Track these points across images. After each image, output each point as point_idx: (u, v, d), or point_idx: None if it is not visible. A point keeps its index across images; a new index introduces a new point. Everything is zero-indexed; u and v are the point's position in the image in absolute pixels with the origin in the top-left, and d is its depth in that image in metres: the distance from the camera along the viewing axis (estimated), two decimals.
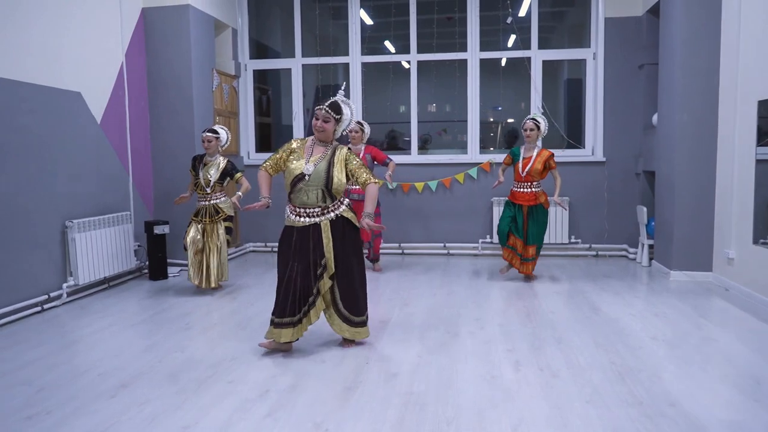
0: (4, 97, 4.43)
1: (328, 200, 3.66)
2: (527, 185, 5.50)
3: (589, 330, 4.15)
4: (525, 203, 5.51)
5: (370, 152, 6.07)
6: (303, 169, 3.61)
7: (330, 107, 3.66)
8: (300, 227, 3.65)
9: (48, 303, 4.85)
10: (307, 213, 3.65)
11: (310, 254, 3.62)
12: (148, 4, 6.26)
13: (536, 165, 5.43)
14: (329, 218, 3.67)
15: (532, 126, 5.44)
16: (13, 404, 3.03)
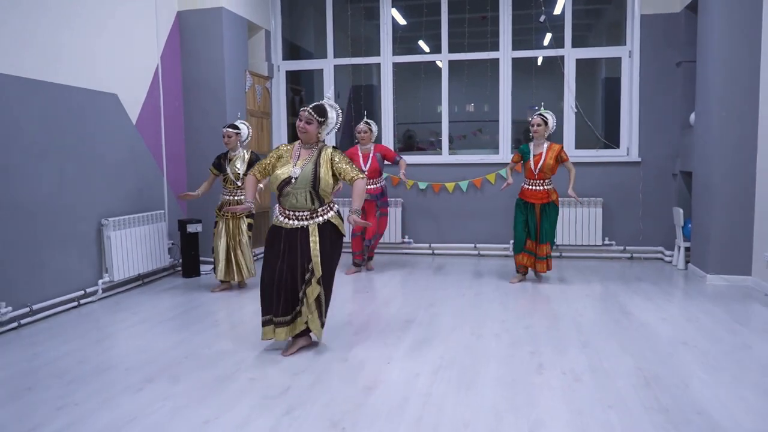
0: (44, 100, 4.59)
1: (316, 203, 3.67)
2: (539, 183, 5.42)
3: (616, 334, 4.06)
4: (537, 201, 5.43)
5: (380, 151, 6.09)
6: (290, 172, 3.63)
7: (313, 109, 3.67)
8: (288, 229, 3.67)
9: (84, 298, 5.00)
10: (296, 216, 3.66)
11: (297, 258, 3.63)
12: (183, 7, 6.40)
13: (548, 160, 5.35)
14: (317, 222, 3.67)
15: (540, 121, 5.36)
16: (46, 395, 3.14)
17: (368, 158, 6.02)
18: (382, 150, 6.12)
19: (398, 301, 5.06)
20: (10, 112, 4.28)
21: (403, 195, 7.32)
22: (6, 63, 4.24)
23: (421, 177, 7.30)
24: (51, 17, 4.63)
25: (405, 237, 7.35)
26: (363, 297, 5.29)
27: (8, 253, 4.27)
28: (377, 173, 6.06)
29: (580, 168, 6.91)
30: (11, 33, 4.28)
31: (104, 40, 5.22)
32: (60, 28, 4.72)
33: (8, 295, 4.24)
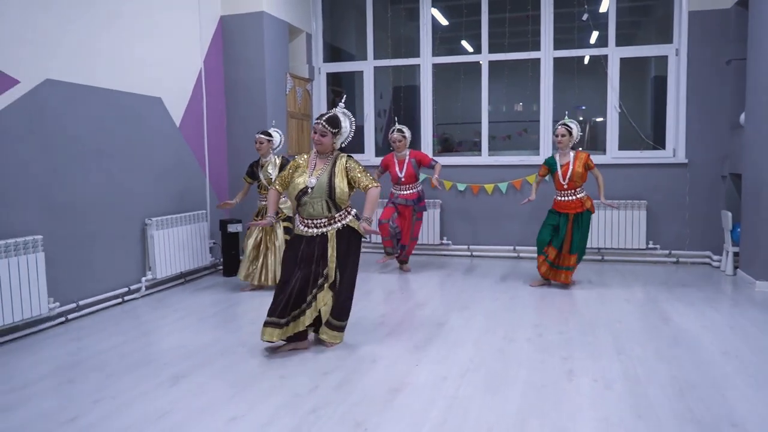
0: (93, 104, 4.78)
1: (333, 210, 3.74)
2: (571, 193, 5.31)
3: (654, 341, 3.95)
4: (572, 211, 5.32)
5: (415, 156, 6.10)
6: (306, 182, 3.71)
7: (327, 121, 3.72)
8: (308, 237, 3.76)
9: (128, 295, 5.19)
10: (315, 224, 3.74)
11: (313, 264, 3.73)
12: (226, 12, 6.55)
13: (577, 168, 5.26)
14: (336, 228, 3.74)
15: (564, 131, 5.29)
16: (85, 388, 3.27)
17: (404, 164, 6.04)
18: (418, 155, 6.13)
19: (433, 303, 5.05)
20: (60, 116, 4.48)
21: (441, 196, 7.30)
22: (56, 70, 4.44)
23: (460, 178, 7.26)
24: (99, 26, 4.82)
25: (443, 239, 7.33)
26: (397, 298, 5.31)
27: (57, 251, 4.46)
28: (413, 178, 6.07)
29: (624, 170, 6.78)
30: (60, 42, 4.47)
31: (150, 46, 5.40)
32: (107, 36, 4.90)
33: (56, 291, 4.44)
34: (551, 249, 5.38)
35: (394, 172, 6.10)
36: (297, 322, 3.73)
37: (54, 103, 4.43)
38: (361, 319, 4.52)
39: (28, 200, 4.23)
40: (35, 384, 3.34)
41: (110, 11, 4.94)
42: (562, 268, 5.41)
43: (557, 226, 5.37)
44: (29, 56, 4.23)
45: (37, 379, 3.42)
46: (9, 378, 3.43)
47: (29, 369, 3.58)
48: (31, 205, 4.26)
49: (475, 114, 7.38)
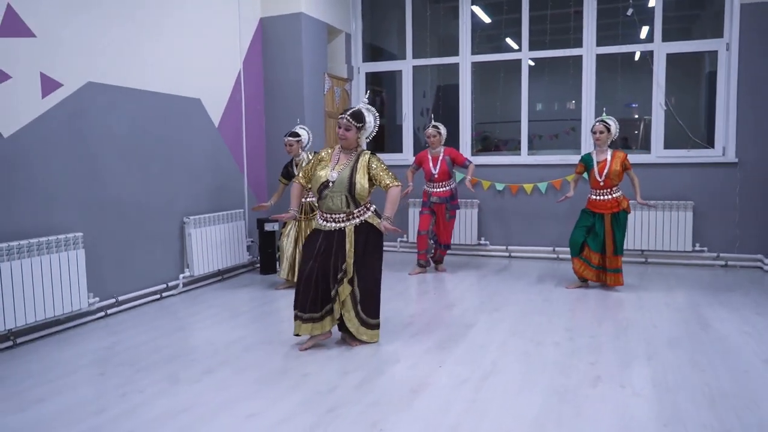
0: (133, 106, 4.94)
1: (352, 206, 3.75)
2: (607, 192, 5.16)
3: (689, 347, 3.80)
4: (607, 211, 5.17)
5: (450, 154, 6.04)
6: (328, 176, 3.73)
7: (351, 116, 3.74)
8: (327, 231, 3.78)
9: (166, 291, 5.34)
10: (334, 218, 3.76)
11: (331, 258, 3.74)
12: (266, 14, 6.66)
13: (614, 166, 5.12)
14: (354, 224, 3.75)
15: (602, 129, 5.14)
16: (114, 381, 3.38)
17: (437, 161, 6.01)
18: (452, 153, 6.07)
19: (463, 304, 5.00)
20: (101, 117, 4.64)
21: (479, 196, 7.21)
22: (98, 73, 4.60)
23: (499, 178, 7.16)
24: (141, 31, 4.97)
25: (480, 239, 7.24)
26: (428, 299, 5.28)
27: (98, 248, 4.63)
28: (447, 176, 6.03)
29: (669, 169, 6.55)
30: (103, 46, 4.63)
31: (190, 49, 5.54)
32: (149, 40, 5.05)
33: (97, 287, 4.60)
34: (593, 254, 5.24)
35: (427, 168, 6.06)
36: (331, 317, 3.79)
37: (95, 105, 4.60)
38: (389, 319, 4.51)
39: (69, 199, 4.40)
40: (69, 376, 3.47)
41: (152, 15, 5.09)
42: (610, 270, 5.26)
43: (591, 227, 5.22)
44: (72, 60, 4.40)
45: (71, 371, 3.56)
46: (47, 369, 3.58)
47: (66, 362, 3.73)
48: (73, 204, 4.43)
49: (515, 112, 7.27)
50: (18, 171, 4.04)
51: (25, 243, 4.00)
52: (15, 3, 3.98)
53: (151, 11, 5.08)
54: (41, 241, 4.10)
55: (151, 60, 5.11)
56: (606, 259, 5.23)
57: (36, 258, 4.07)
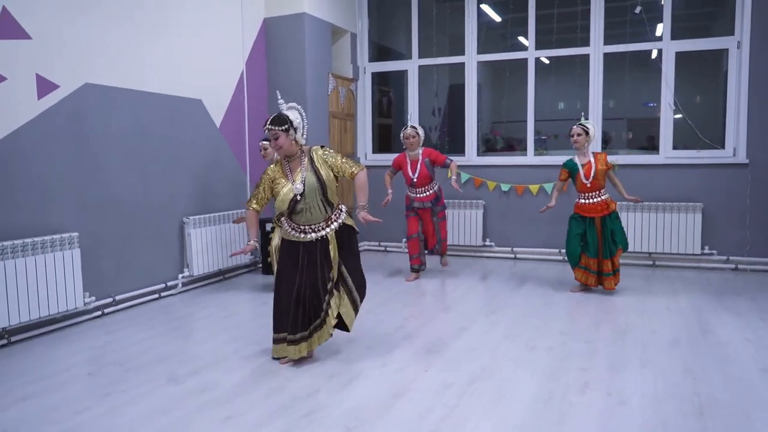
0: (133, 107, 4.97)
1: (328, 210, 3.58)
2: (596, 195, 5.08)
3: (685, 353, 3.70)
4: (597, 215, 5.09)
5: (429, 155, 5.74)
6: (294, 190, 3.48)
7: (272, 123, 3.47)
8: (306, 242, 3.57)
9: (165, 291, 5.36)
10: (313, 228, 3.56)
11: (318, 269, 3.55)
12: (269, 14, 6.66)
13: (599, 166, 5.05)
14: (333, 228, 3.59)
15: (580, 131, 5.06)
16: (101, 381, 3.40)
17: (417, 165, 5.71)
18: (431, 154, 5.76)
19: (461, 307, 4.94)
20: (99, 118, 4.67)
21: (484, 197, 7.14)
22: (96, 74, 4.63)
23: (504, 178, 7.08)
24: (140, 31, 4.99)
25: (486, 240, 7.17)
26: (425, 301, 5.22)
27: (96, 247, 4.66)
28: (428, 179, 5.74)
29: (678, 170, 6.43)
30: (101, 47, 4.66)
31: (192, 50, 5.56)
32: (148, 41, 5.08)
33: (93, 286, 4.64)
34: (590, 260, 5.15)
35: (406, 174, 5.79)
36: (321, 332, 3.59)
37: (93, 106, 4.63)
38: (380, 323, 4.48)
39: (66, 199, 4.44)
40: (56, 375, 3.49)
41: (152, 16, 5.11)
42: (604, 274, 5.17)
43: (583, 233, 5.14)
44: (69, 62, 4.43)
45: (61, 370, 3.58)
46: (37, 368, 3.61)
47: (58, 360, 3.76)
48: (69, 204, 4.47)
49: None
50: (14, 172, 4.08)
51: (20, 242, 4.04)
52: (10, 5, 4.02)
53: (150, 12, 5.11)
54: (36, 240, 4.14)
55: (150, 61, 5.13)
56: (600, 263, 5.13)
57: (31, 257, 4.10)
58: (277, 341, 3.59)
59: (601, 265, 5.13)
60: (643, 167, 6.56)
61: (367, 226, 3.70)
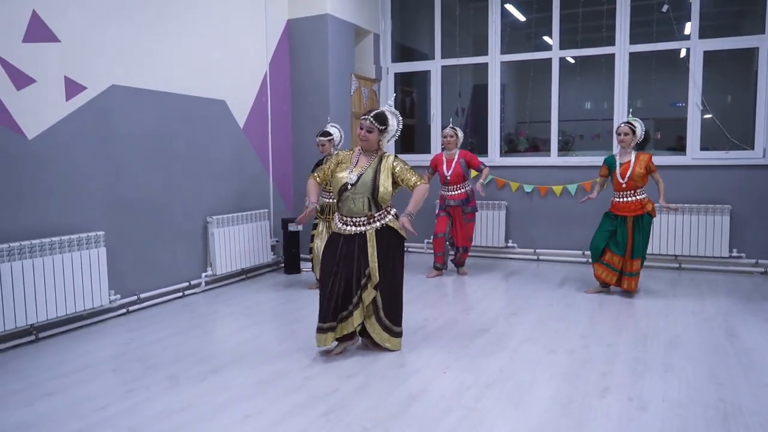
0: (157, 107, 5.05)
1: (373, 209, 3.66)
2: (631, 194, 4.99)
3: (711, 359, 3.64)
4: (630, 214, 5.00)
5: (465, 157, 5.95)
6: (347, 178, 3.65)
7: (374, 118, 3.66)
8: (347, 235, 3.69)
9: (188, 290, 5.43)
10: (354, 222, 3.68)
11: (354, 263, 3.65)
12: (293, 16, 6.70)
13: (637, 169, 4.95)
14: (375, 227, 3.67)
15: (627, 130, 4.99)
16: (123, 378, 3.46)
17: (452, 163, 5.93)
18: (467, 156, 5.98)
19: (481, 308, 4.92)
20: (125, 119, 4.76)
21: (507, 198, 7.10)
22: (122, 76, 4.72)
23: (527, 179, 7.03)
24: (166, 34, 5.07)
25: (508, 241, 7.12)
26: (446, 302, 5.21)
27: (121, 246, 4.75)
28: (461, 178, 5.93)
29: (705, 171, 6.31)
30: (127, 49, 4.75)
31: (215, 51, 5.63)
32: (173, 43, 5.15)
33: (118, 284, 4.73)
34: (615, 257, 5.08)
35: (441, 171, 6.00)
36: (346, 323, 3.69)
37: (119, 107, 4.71)
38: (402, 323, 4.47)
39: (93, 198, 4.53)
40: (81, 371, 3.57)
41: (178, 19, 5.18)
42: (625, 274, 5.11)
43: (614, 231, 5.07)
44: (96, 64, 4.52)
45: (85, 366, 3.66)
46: (62, 364, 3.69)
47: (82, 356, 3.84)
48: (96, 203, 4.56)
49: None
50: (42, 172, 4.17)
51: (47, 241, 4.13)
52: (40, 9, 4.12)
53: (176, 14, 5.18)
54: (63, 239, 4.24)
55: (175, 62, 5.21)
56: (624, 262, 5.06)
57: (59, 255, 4.20)
58: (319, 330, 3.69)
59: (626, 264, 5.06)
60: (670, 168, 6.44)
61: None
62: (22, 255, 3.97)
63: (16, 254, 3.93)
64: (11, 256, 3.90)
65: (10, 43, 3.96)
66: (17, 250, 3.94)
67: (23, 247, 3.98)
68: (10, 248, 3.90)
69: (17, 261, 3.94)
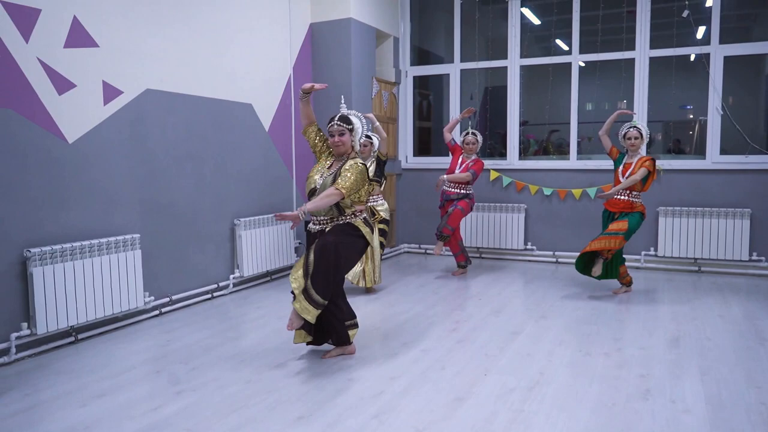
0: (189, 111, 5.10)
1: (335, 212, 3.67)
2: (628, 193, 5.17)
3: (745, 362, 3.69)
4: (619, 211, 5.20)
5: (476, 166, 6.10)
6: (315, 182, 3.73)
7: (341, 120, 3.71)
8: (311, 233, 3.79)
9: (217, 291, 5.49)
10: (319, 221, 3.73)
11: (309, 255, 3.68)
12: (315, 20, 6.76)
13: (637, 169, 5.11)
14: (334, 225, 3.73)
15: (637, 134, 5.14)
16: (170, 379, 3.51)
17: (465, 164, 6.11)
18: (477, 165, 6.09)
19: (509, 311, 4.98)
20: (158, 123, 4.82)
21: (526, 201, 7.16)
22: (156, 80, 4.77)
23: (547, 182, 7.09)
24: (197, 39, 5.13)
25: (527, 244, 7.18)
26: (473, 304, 5.26)
27: (154, 248, 4.80)
28: (465, 181, 6.06)
29: (725, 176, 6.37)
30: (161, 55, 4.81)
31: (243, 56, 5.68)
32: (204, 48, 5.21)
33: (152, 286, 4.78)
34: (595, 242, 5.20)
35: (453, 164, 6.17)
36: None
37: (153, 111, 4.77)
38: (432, 325, 4.54)
39: (129, 201, 4.59)
40: (127, 372, 3.62)
41: (208, 24, 5.24)
42: None
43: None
44: (132, 68, 4.57)
45: (130, 367, 3.71)
46: (106, 365, 3.75)
47: (124, 358, 3.89)
48: (132, 206, 4.61)
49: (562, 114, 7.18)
50: (82, 175, 4.23)
51: (87, 243, 4.19)
52: (80, 15, 4.17)
53: (206, 19, 5.24)
54: (102, 242, 4.29)
55: (205, 67, 5.26)
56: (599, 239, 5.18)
57: (97, 258, 4.25)
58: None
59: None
60: (689, 172, 6.51)
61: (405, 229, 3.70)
62: (63, 258, 4.02)
63: (58, 257, 3.98)
64: (53, 258, 3.96)
65: (52, 48, 4.01)
66: (59, 252, 4.00)
67: (65, 249, 4.03)
68: (52, 251, 3.95)
69: (59, 263, 3.99)
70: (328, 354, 3.87)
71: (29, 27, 3.87)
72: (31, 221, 3.93)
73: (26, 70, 3.86)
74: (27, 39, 3.85)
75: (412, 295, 5.53)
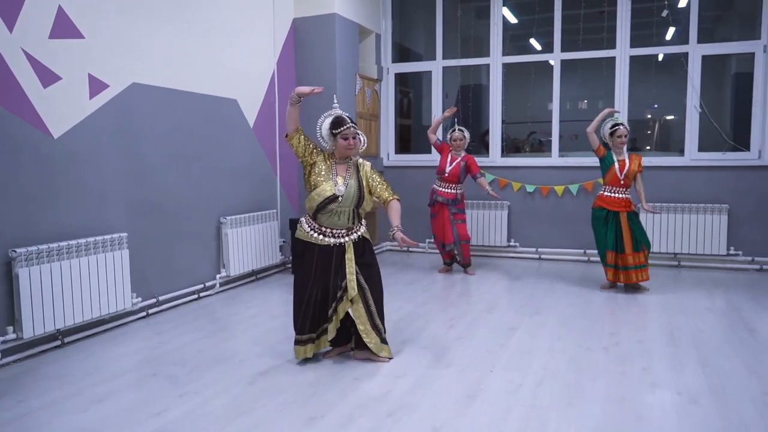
0: (176, 106, 4.96)
1: (356, 221, 3.61)
2: (624, 191, 5.27)
3: (741, 353, 3.77)
4: (622, 210, 5.26)
5: (467, 160, 6.08)
6: (335, 190, 3.48)
7: (353, 121, 3.56)
8: (322, 245, 3.54)
9: (203, 291, 5.35)
10: (333, 233, 3.54)
11: (331, 275, 3.53)
12: (299, 15, 6.66)
13: (633, 167, 5.24)
14: (353, 239, 3.58)
15: (626, 132, 5.24)
16: (169, 382, 3.40)
17: (455, 161, 6.06)
18: (470, 161, 6.09)
19: (501, 307, 4.99)
20: (144, 118, 4.66)
21: (509, 198, 7.20)
22: (141, 74, 4.62)
23: (529, 180, 7.14)
24: (182, 33, 4.99)
25: (510, 240, 7.22)
26: (466, 301, 5.25)
27: (141, 248, 4.65)
28: (457, 179, 6.06)
29: (703, 172, 6.51)
30: (147, 49, 4.65)
31: (227, 50, 5.55)
32: (189, 42, 5.07)
33: (138, 287, 4.63)
34: (619, 257, 5.29)
35: (443, 162, 6.12)
36: (323, 339, 3.65)
37: (140, 105, 4.62)
38: (428, 323, 4.51)
39: (116, 199, 4.43)
40: (122, 376, 3.49)
41: (193, 18, 5.11)
42: (631, 268, 5.26)
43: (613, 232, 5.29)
44: (118, 61, 4.42)
45: (124, 371, 3.58)
46: (97, 369, 3.60)
47: (115, 361, 3.75)
48: (119, 204, 4.46)
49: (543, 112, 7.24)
50: (67, 172, 4.06)
51: (74, 243, 4.03)
52: (65, 5, 4.00)
53: (191, 14, 5.11)
54: (89, 241, 4.13)
55: (191, 60, 5.12)
56: (625, 257, 5.24)
57: (84, 258, 4.09)
58: (295, 342, 3.65)
59: (628, 260, 5.24)
60: (668, 169, 6.64)
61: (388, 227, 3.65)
62: (50, 258, 3.86)
63: (44, 257, 3.82)
64: (40, 259, 3.79)
65: (37, 38, 3.84)
66: (45, 253, 3.83)
67: (51, 249, 3.87)
68: (39, 251, 3.79)
69: (45, 264, 3.83)
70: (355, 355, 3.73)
71: (13, 16, 3.69)
72: (16, 220, 3.75)
73: (10, 61, 3.69)
74: (11, 29, 3.68)
75: (401, 293, 5.49)
